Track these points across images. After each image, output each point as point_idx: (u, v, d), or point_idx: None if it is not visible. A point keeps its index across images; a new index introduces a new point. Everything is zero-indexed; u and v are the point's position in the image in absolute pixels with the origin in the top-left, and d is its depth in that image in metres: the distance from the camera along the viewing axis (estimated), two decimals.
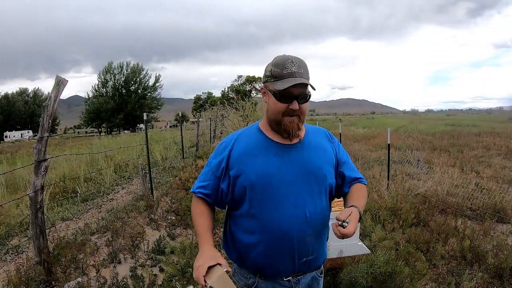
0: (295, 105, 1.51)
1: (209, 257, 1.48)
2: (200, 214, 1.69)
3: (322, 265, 1.80)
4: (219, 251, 1.70)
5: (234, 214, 1.69)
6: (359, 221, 1.53)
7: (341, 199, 4.15)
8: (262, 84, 1.65)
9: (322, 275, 1.82)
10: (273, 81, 1.54)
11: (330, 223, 1.68)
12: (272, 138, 1.63)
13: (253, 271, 1.65)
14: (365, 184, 1.79)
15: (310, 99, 1.58)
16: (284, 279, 1.63)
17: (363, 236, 4.48)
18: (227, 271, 1.43)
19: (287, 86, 1.48)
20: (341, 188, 1.77)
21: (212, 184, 1.67)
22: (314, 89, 1.54)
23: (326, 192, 1.68)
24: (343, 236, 1.43)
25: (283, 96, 1.51)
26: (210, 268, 1.43)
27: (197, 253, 1.57)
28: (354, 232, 1.44)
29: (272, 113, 1.58)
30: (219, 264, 1.44)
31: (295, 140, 1.62)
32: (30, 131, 66.10)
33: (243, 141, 1.66)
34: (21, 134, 61.46)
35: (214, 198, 1.69)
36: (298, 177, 1.58)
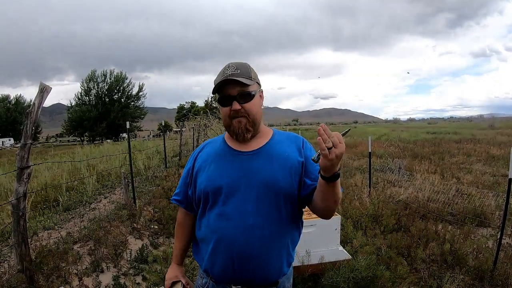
0: (235, 106, 1.52)
1: (174, 274, 1.85)
2: (176, 230, 1.89)
3: (282, 282, 1.65)
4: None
5: (197, 215, 1.73)
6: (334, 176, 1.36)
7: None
8: None
9: None
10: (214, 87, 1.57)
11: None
12: (232, 146, 1.66)
13: (205, 271, 1.67)
14: None
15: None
16: (233, 287, 1.59)
17: (345, 242, 4.53)
18: (184, 287, 1.83)
19: (215, 84, 1.52)
20: (309, 196, 1.60)
21: (183, 191, 1.78)
22: (247, 83, 1.51)
23: (282, 202, 1.57)
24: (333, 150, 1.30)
25: (222, 98, 1.56)
26: (174, 283, 1.85)
27: None
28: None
29: (223, 119, 1.62)
30: (181, 282, 1.84)
31: (253, 147, 1.62)
32: (12, 139, 64.43)
33: (207, 149, 1.73)
34: (2, 142, 59.93)
35: (186, 203, 1.78)
36: (247, 184, 1.55)
